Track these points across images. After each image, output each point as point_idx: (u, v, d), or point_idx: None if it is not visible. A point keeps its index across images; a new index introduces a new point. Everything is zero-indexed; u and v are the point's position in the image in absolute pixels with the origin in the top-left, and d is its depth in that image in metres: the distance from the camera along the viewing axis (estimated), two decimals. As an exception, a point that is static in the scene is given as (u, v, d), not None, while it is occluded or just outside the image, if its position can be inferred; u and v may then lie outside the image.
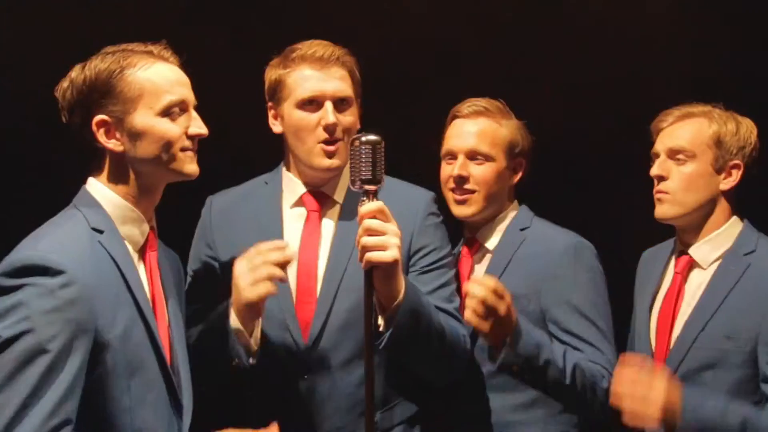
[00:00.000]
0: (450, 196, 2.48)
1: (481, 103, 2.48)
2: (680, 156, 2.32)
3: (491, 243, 2.49)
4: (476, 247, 2.52)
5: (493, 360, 2.22)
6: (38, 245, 1.77)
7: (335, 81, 2.26)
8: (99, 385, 1.77)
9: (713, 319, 2.24)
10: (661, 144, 2.37)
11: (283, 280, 2.06)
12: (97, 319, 1.75)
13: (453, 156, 2.48)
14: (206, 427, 2.21)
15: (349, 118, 2.29)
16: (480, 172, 2.44)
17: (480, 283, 2.13)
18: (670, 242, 2.48)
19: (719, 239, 2.33)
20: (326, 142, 2.26)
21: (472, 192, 2.44)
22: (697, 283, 2.34)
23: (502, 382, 2.35)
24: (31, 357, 1.67)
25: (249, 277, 2.03)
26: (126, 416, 1.81)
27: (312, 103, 2.26)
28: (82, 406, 1.73)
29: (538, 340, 2.21)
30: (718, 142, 2.31)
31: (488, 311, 2.11)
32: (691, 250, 2.35)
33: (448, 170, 2.48)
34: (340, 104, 2.27)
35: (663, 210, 2.35)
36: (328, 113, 2.24)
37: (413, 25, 3.02)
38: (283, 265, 2.03)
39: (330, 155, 2.26)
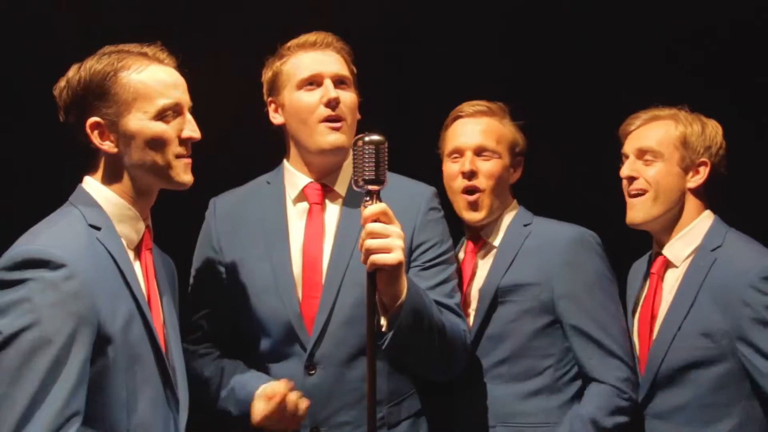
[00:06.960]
0: (460, 201, 2.49)
1: (483, 103, 2.53)
2: (648, 156, 2.37)
3: (496, 240, 2.50)
4: (480, 244, 2.53)
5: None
6: (37, 240, 1.78)
7: (333, 62, 2.31)
8: (99, 378, 1.77)
9: (687, 318, 2.27)
10: (630, 145, 2.42)
11: None
12: (99, 312, 1.75)
13: (460, 153, 2.49)
14: (209, 422, 2.21)
15: (350, 95, 2.31)
16: (488, 168, 2.47)
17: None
18: None
19: (689, 236, 2.36)
20: (329, 119, 2.27)
21: (482, 190, 2.45)
22: (671, 281, 2.37)
23: (506, 372, 2.37)
24: (37, 350, 1.67)
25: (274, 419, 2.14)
26: (124, 410, 1.81)
27: (312, 84, 2.29)
28: (82, 400, 1.73)
29: None
30: (685, 143, 2.37)
31: None
32: (665, 250, 2.39)
33: (455, 168, 2.50)
34: (339, 84, 2.30)
35: (634, 215, 2.39)
36: (329, 90, 2.27)
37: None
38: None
39: (334, 132, 2.26)
